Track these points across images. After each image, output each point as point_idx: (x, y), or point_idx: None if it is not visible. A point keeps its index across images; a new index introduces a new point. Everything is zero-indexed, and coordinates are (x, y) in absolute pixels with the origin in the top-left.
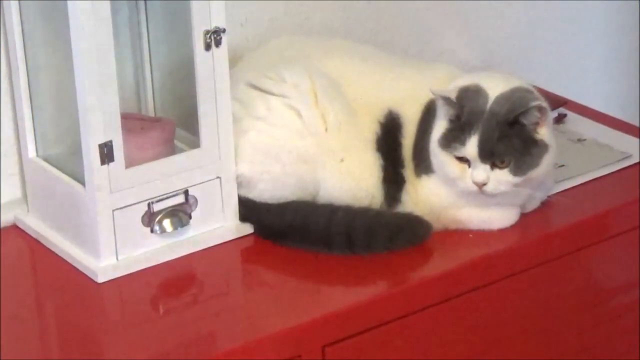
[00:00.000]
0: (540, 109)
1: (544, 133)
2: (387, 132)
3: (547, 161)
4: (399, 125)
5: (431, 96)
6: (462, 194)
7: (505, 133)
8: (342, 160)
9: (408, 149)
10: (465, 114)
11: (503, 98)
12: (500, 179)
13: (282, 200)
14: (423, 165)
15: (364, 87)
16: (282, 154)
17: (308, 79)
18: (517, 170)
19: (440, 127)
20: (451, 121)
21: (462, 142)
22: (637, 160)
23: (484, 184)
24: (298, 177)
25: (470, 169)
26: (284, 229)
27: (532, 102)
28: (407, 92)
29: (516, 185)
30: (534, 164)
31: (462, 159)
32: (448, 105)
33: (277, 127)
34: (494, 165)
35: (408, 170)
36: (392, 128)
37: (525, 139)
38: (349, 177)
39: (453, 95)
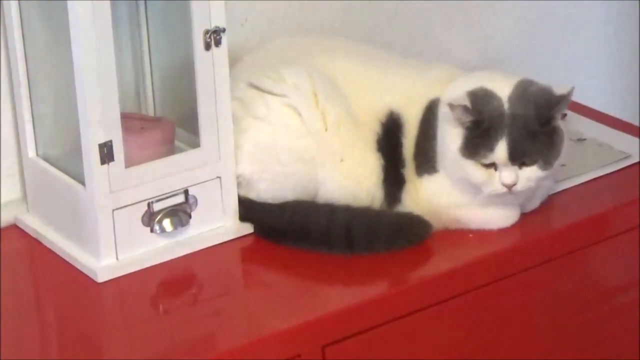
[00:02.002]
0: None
1: (558, 120)
2: (387, 132)
3: (565, 146)
4: (400, 126)
5: (431, 97)
6: (464, 193)
7: (534, 132)
8: (342, 160)
9: (409, 149)
10: (486, 119)
11: (518, 98)
12: (530, 176)
13: (282, 200)
14: (425, 165)
15: (365, 88)
16: (282, 153)
17: (308, 79)
18: (546, 165)
19: (456, 135)
20: (469, 129)
21: (490, 149)
22: (637, 160)
23: (514, 185)
24: (298, 176)
25: (497, 172)
26: (283, 229)
27: (558, 94)
28: (408, 93)
29: (544, 178)
30: (558, 154)
31: (488, 164)
32: (465, 112)
33: (277, 126)
34: (522, 164)
35: (409, 170)
36: (393, 128)
37: (550, 133)
38: (349, 177)
39: (468, 102)
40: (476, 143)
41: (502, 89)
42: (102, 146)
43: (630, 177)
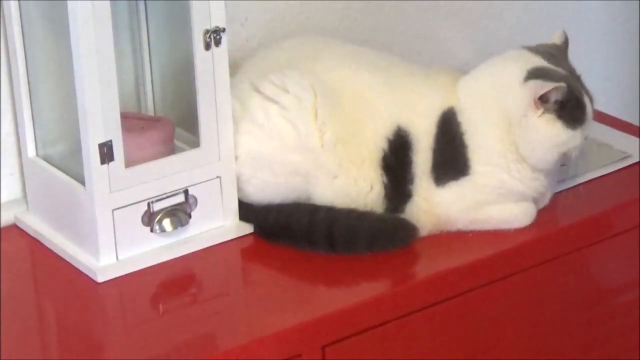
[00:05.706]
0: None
1: None
2: (395, 150)
3: None
4: (409, 143)
5: (444, 107)
6: (497, 191)
7: (581, 79)
8: (335, 177)
9: (420, 165)
10: (568, 88)
11: (554, 60)
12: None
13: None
14: (451, 172)
15: (371, 101)
16: (273, 164)
17: (310, 92)
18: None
19: (546, 121)
20: (559, 108)
21: (584, 111)
22: (637, 160)
23: None
24: (287, 188)
25: (581, 130)
26: (269, 228)
27: (560, 42)
28: (416, 107)
29: None
30: None
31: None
32: (557, 93)
33: (272, 136)
34: None
35: (417, 185)
36: (401, 145)
37: None
38: (341, 195)
39: (556, 84)
40: (573, 113)
41: (541, 61)
42: (102, 146)
43: (630, 177)
